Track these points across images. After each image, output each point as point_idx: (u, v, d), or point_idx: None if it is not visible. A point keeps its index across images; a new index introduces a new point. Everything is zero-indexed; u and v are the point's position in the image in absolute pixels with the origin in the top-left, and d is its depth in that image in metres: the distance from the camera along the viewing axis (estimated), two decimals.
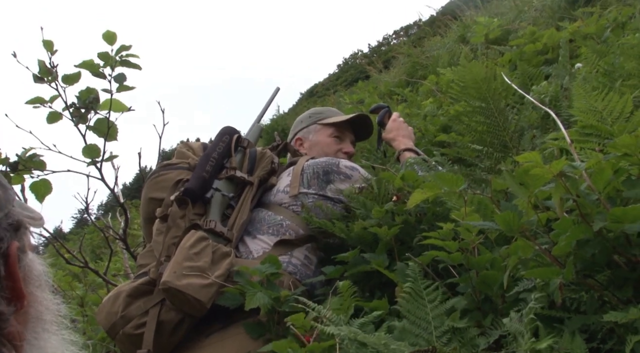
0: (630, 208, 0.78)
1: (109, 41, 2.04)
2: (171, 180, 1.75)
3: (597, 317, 0.86)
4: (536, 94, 1.91)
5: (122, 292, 1.49)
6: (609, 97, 1.21)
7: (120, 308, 1.46)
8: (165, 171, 1.80)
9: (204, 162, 1.73)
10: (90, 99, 2.07)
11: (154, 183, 1.78)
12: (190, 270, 1.40)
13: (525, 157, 0.87)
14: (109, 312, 1.47)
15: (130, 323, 1.44)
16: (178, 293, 1.37)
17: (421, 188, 1.11)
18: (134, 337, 1.43)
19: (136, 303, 1.47)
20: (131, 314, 1.45)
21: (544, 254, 0.94)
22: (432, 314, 1.02)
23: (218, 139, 1.82)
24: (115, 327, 1.45)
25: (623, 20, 2.77)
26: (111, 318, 1.46)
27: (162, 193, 1.73)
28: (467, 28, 5.63)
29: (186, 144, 1.93)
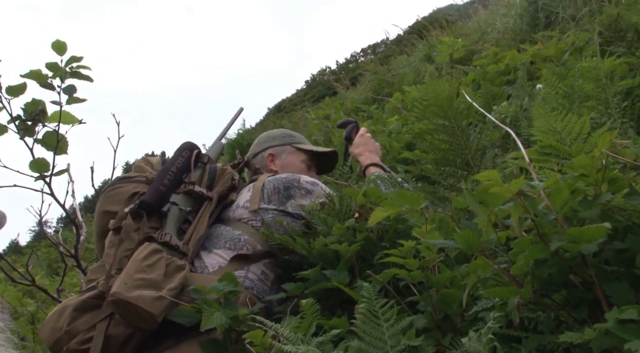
0: (586, 228, 0.78)
1: (59, 51, 1.96)
2: (126, 193, 1.72)
3: (553, 337, 0.86)
4: (497, 114, 1.94)
5: (68, 306, 1.41)
6: (568, 117, 1.23)
7: (66, 323, 1.38)
8: (120, 184, 1.77)
9: (162, 176, 1.71)
10: (37, 111, 1.98)
11: (108, 197, 1.75)
12: (141, 282, 1.35)
13: (484, 176, 0.87)
14: (53, 327, 1.39)
15: (75, 339, 1.36)
16: (128, 306, 1.31)
17: (382, 206, 1.10)
18: (79, 352, 1.36)
19: (83, 317, 1.40)
20: (77, 329, 1.37)
21: (502, 273, 0.93)
22: (388, 333, 1.00)
23: (177, 154, 1.80)
24: (59, 342, 1.36)
25: (580, 45, 2.87)
26: (55, 333, 1.37)
27: (116, 207, 1.70)
28: (432, 47, 5.74)
29: (145, 159, 1.90)
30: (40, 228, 2.22)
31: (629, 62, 2.26)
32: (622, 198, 0.89)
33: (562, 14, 3.99)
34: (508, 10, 4.92)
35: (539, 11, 4.30)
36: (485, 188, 0.89)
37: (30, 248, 11.09)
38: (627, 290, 0.83)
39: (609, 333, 0.75)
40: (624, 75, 2.14)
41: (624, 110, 1.77)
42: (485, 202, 0.92)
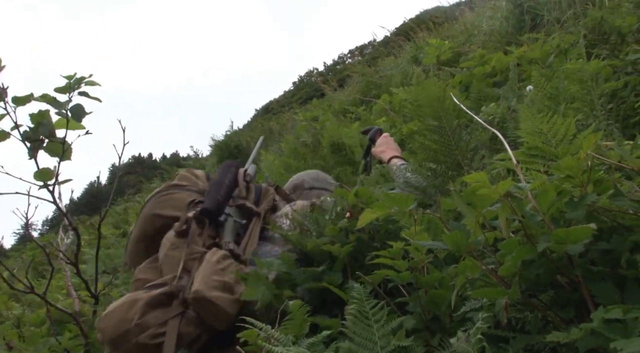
0: (572, 229, 0.79)
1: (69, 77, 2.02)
2: (182, 200, 1.79)
3: (540, 337, 0.87)
4: (485, 115, 1.96)
5: (139, 300, 1.44)
6: (554, 119, 1.24)
7: (137, 316, 1.41)
8: (174, 190, 1.83)
9: (218, 187, 1.80)
10: (46, 133, 2.01)
11: (162, 201, 1.80)
12: (218, 283, 1.44)
13: (472, 178, 0.88)
14: (122, 318, 1.41)
15: (146, 333, 1.39)
16: (208, 304, 1.39)
17: (371, 208, 1.11)
18: (148, 347, 1.39)
19: (154, 312, 1.43)
20: (148, 323, 1.41)
21: (490, 274, 0.94)
22: (378, 334, 1.01)
23: (226, 170, 1.90)
24: (127, 334, 1.39)
25: (565, 47, 2.90)
26: (124, 325, 1.40)
27: (170, 211, 1.75)
28: (419, 49, 5.77)
29: (190, 170, 1.96)
30: (27, 230, 2.20)
31: (612, 64, 2.30)
32: (607, 199, 0.90)
33: (547, 17, 4.04)
34: (494, 12, 4.97)
35: (524, 14, 4.34)
36: (473, 189, 0.90)
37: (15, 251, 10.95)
38: (612, 290, 0.84)
39: (595, 332, 0.76)
40: (607, 78, 2.17)
41: (609, 112, 1.79)
42: (473, 204, 0.93)
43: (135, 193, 12.16)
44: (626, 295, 0.83)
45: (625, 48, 2.46)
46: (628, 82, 2.07)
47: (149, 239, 1.76)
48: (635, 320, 0.73)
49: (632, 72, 2.19)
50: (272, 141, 7.09)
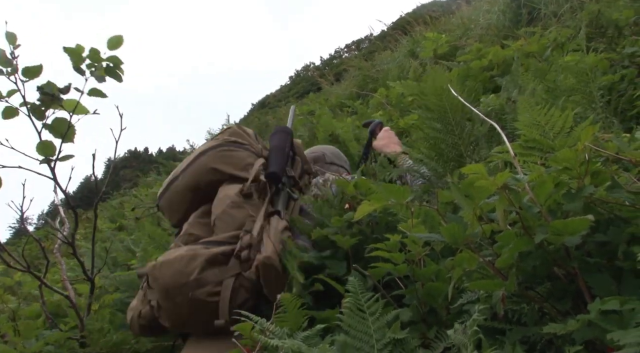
0: (569, 221, 0.79)
1: (112, 46, 1.97)
2: (243, 159, 1.76)
3: (537, 329, 0.87)
4: (484, 106, 1.95)
5: (200, 256, 1.44)
6: (551, 112, 1.24)
7: (197, 271, 1.40)
8: (235, 147, 1.79)
9: (281, 153, 1.79)
10: (62, 89, 1.97)
11: (222, 156, 1.76)
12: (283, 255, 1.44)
13: (470, 169, 0.87)
14: (180, 271, 1.40)
15: (203, 288, 1.39)
16: (275, 273, 1.40)
17: (369, 200, 1.10)
18: (202, 303, 1.39)
19: (212, 270, 1.43)
20: (207, 280, 1.41)
21: (487, 266, 0.94)
22: (374, 327, 1.00)
23: (284, 136, 1.87)
24: (183, 287, 1.38)
25: (562, 41, 2.90)
26: (182, 277, 1.39)
27: (228, 168, 1.73)
28: (416, 43, 5.75)
29: (240, 127, 1.92)
30: (21, 224, 2.19)
31: (609, 58, 2.29)
32: (604, 191, 0.90)
33: (544, 11, 4.03)
34: (491, 6, 4.96)
35: (521, 7, 4.33)
36: (470, 181, 0.90)
37: (10, 245, 10.92)
38: (609, 281, 0.84)
39: (592, 324, 0.76)
40: (605, 71, 2.17)
41: (607, 105, 1.79)
42: (471, 196, 0.92)
43: (132, 188, 12.12)
44: (623, 287, 0.83)
45: (622, 41, 2.46)
46: (625, 75, 2.07)
47: (198, 190, 1.74)
48: (632, 311, 0.73)
49: (629, 65, 2.19)
50: (269, 135, 7.08)
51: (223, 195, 1.66)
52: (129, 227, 5.32)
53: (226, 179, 1.71)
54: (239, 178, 1.70)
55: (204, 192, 1.73)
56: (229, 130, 1.87)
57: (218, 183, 1.71)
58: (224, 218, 1.59)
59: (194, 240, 1.61)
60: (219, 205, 1.63)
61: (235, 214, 1.59)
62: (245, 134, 1.88)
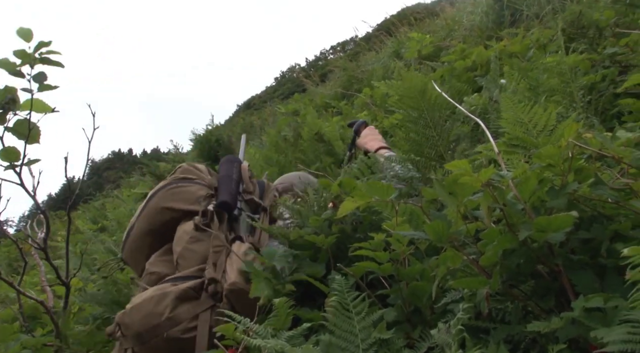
0: (553, 217, 0.79)
1: (25, 38, 1.90)
2: (193, 193, 1.74)
3: (521, 327, 0.86)
4: (467, 105, 1.96)
5: (169, 294, 1.42)
6: (534, 110, 1.24)
7: (168, 310, 1.39)
8: (184, 183, 1.78)
9: (229, 181, 1.77)
10: (7, 100, 1.91)
11: (171, 194, 1.75)
12: (248, 276, 1.43)
13: (454, 165, 0.86)
14: (151, 312, 1.38)
15: (178, 327, 1.38)
16: (245, 296, 1.37)
17: (352, 197, 1.09)
18: (179, 341, 1.37)
19: (184, 306, 1.42)
20: (180, 317, 1.39)
21: (471, 264, 0.93)
22: (359, 327, 0.99)
23: (230, 164, 1.86)
24: (157, 328, 1.37)
25: (544, 41, 2.92)
26: (154, 319, 1.37)
27: (181, 205, 1.71)
28: (401, 44, 5.77)
29: (191, 164, 1.91)
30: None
31: (591, 58, 2.31)
32: (587, 188, 0.90)
33: (526, 12, 4.06)
34: (474, 8, 4.99)
35: (504, 9, 4.36)
36: (454, 178, 0.89)
37: None
38: (592, 278, 0.84)
39: (576, 322, 0.76)
40: (586, 71, 2.19)
41: (588, 105, 1.80)
42: (455, 193, 0.91)
43: (115, 189, 11.99)
44: (606, 284, 0.83)
45: (603, 42, 2.48)
46: (606, 75, 2.09)
47: (156, 233, 1.72)
48: (615, 308, 0.73)
49: (610, 66, 2.21)
50: (254, 135, 7.04)
51: (181, 233, 1.65)
52: (110, 228, 5.25)
53: (180, 216, 1.70)
54: (193, 212, 1.69)
55: (161, 234, 1.71)
56: (180, 169, 1.88)
57: (173, 221, 1.70)
58: (186, 255, 1.58)
59: (157, 278, 1.59)
60: (179, 242, 1.63)
61: (196, 249, 1.58)
62: (196, 169, 1.87)
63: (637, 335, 0.66)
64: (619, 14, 2.49)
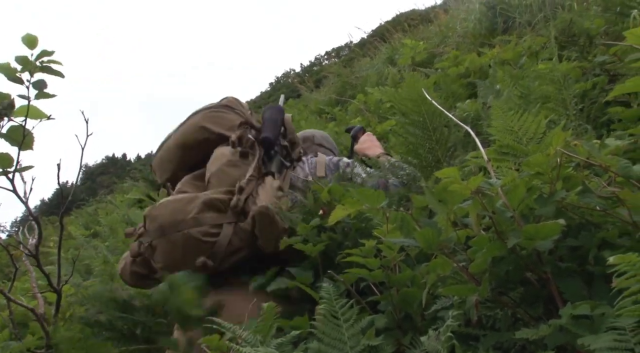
0: (541, 225, 0.79)
1: (30, 45, 1.90)
2: (232, 121, 1.81)
3: (510, 334, 0.86)
4: (460, 111, 1.97)
5: (198, 198, 1.48)
6: (524, 117, 1.25)
7: (195, 211, 1.44)
8: (225, 110, 1.84)
9: (274, 123, 1.83)
10: (5, 105, 1.91)
11: (212, 116, 1.81)
12: (277, 209, 1.48)
13: (444, 173, 0.87)
14: (179, 209, 1.44)
15: (199, 228, 1.43)
16: (270, 221, 1.43)
17: (343, 204, 1.09)
18: (197, 242, 1.41)
19: (210, 213, 1.46)
20: (204, 220, 1.44)
21: (461, 271, 0.94)
22: (348, 334, 0.99)
23: (276, 111, 1.91)
24: (180, 224, 1.42)
25: (536, 49, 2.94)
26: (178, 215, 1.43)
27: (218, 128, 1.77)
28: (395, 50, 5.80)
29: (236, 99, 1.96)
30: None
31: (581, 66, 2.33)
32: (576, 196, 0.90)
33: (519, 19, 4.09)
34: (468, 15, 5.02)
35: (497, 16, 4.39)
36: (444, 186, 0.89)
37: None
38: (580, 286, 0.84)
39: (563, 329, 0.76)
40: (577, 79, 2.21)
41: (579, 112, 1.82)
42: (445, 200, 0.92)
43: (108, 194, 11.93)
44: (594, 292, 0.84)
45: (593, 50, 2.51)
46: (597, 83, 2.11)
47: (187, 148, 1.79)
48: (602, 316, 0.73)
49: (600, 73, 2.23)
50: None
51: (219, 154, 1.71)
52: (103, 234, 5.23)
53: (215, 139, 1.76)
54: (227, 138, 1.74)
55: (193, 151, 1.78)
56: (225, 100, 1.93)
57: (206, 142, 1.76)
58: (220, 176, 1.64)
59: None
60: (215, 163, 1.68)
61: (231, 172, 1.63)
62: (239, 104, 1.92)
63: (624, 342, 0.67)
64: (609, 22, 2.52)
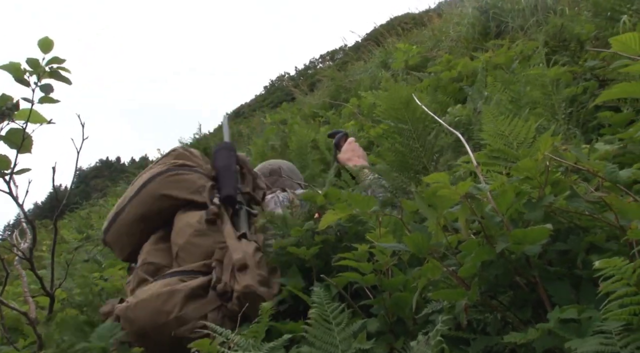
0: (529, 230, 0.80)
1: (44, 49, 1.90)
2: (194, 182, 1.70)
3: (500, 338, 0.87)
4: (451, 116, 1.98)
5: (178, 292, 1.39)
6: (515, 122, 1.26)
7: (177, 309, 1.37)
8: (184, 171, 1.72)
9: (230, 173, 1.74)
10: (9, 105, 1.90)
11: (172, 181, 1.69)
12: (260, 278, 1.42)
13: (433, 178, 0.88)
14: (158, 310, 1.36)
15: (186, 326, 1.36)
16: (258, 299, 1.35)
17: (334, 209, 1.10)
18: (186, 340, 1.31)
19: (192, 305, 1.39)
20: (189, 316, 1.37)
21: (451, 276, 0.94)
22: (339, 338, 0.99)
23: (228, 154, 1.82)
24: (164, 326, 1.34)
25: (529, 53, 2.97)
26: (161, 317, 1.35)
27: (180, 193, 1.67)
28: (388, 54, 5.82)
29: (185, 149, 1.86)
30: None
31: (572, 70, 2.35)
32: (564, 200, 0.91)
33: (511, 24, 4.12)
34: (461, 19, 5.04)
35: (490, 20, 4.42)
36: (433, 190, 0.90)
37: None
38: (568, 290, 0.85)
39: (551, 332, 0.77)
40: (568, 83, 2.22)
41: (569, 117, 1.83)
42: (435, 205, 0.93)
43: (102, 198, 11.89)
44: (581, 295, 0.85)
45: (584, 55, 2.53)
46: (587, 88, 2.12)
47: (149, 219, 1.68)
48: (589, 319, 0.74)
49: (591, 78, 2.25)
50: (242, 144, 7.04)
51: (184, 224, 1.61)
52: (95, 237, 5.21)
53: (179, 205, 1.67)
54: (193, 202, 1.66)
55: (154, 220, 1.68)
56: (174, 153, 1.82)
57: (170, 209, 1.67)
58: (189, 249, 1.56)
59: (154, 269, 1.57)
60: (181, 235, 1.59)
61: (200, 243, 1.56)
62: (192, 155, 1.82)
63: (610, 345, 0.67)
64: (600, 27, 2.55)
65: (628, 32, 2.18)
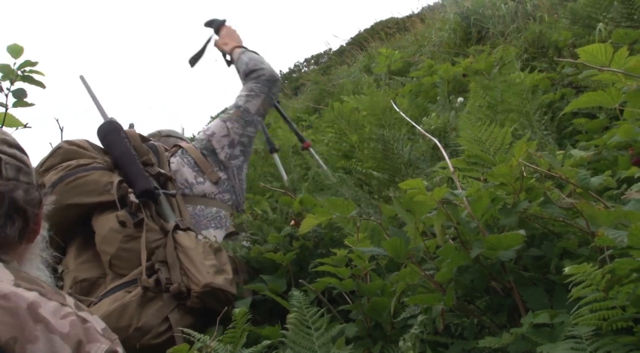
0: (503, 236, 0.81)
1: (14, 54, 1.87)
2: (97, 182, 1.53)
3: (476, 342, 0.88)
4: (426, 125, 2.00)
5: (129, 304, 1.33)
6: (491, 128, 1.28)
7: (135, 321, 1.31)
8: (82, 173, 1.54)
9: (133, 161, 1.58)
10: None
11: (73, 187, 1.51)
12: (213, 268, 1.38)
13: (408, 184, 0.89)
14: (115, 328, 1.24)
15: (149, 334, 1.32)
16: (218, 292, 1.35)
17: (314, 214, 1.10)
18: (154, 347, 1.31)
19: (149, 311, 1.34)
20: (150, 324, 1.32)
21: (429, 280, 0.95)
22: (318, 343, 1.00)
23: (117, 136, 1.65)
24: (127, 342, 1.26)
25: (508, 59, 3.00)
26: (120, 334, 1.27)
27: (88, 198, 1.51)
28: (371, 58, 5.85)
29: (71, 142, 1.64)
30: None
31: (550, 77, 2.39)
32: (538, 206, 0.93)
33: (492, 30, 4.17)
34: (443, 24, 5.09)
35: (471, 26, 4.47)
36: (411, 196, 0.91)
37: None
38: (542, 295, 0.87)
39: (525, 337, 0.78)
40: (546, 89, 2.26)
41: (546, 123, 1.86)
42: (413, 210, 0.94)
43: None
44: (555, 300, 0.86)
45: (561, 62, 2.57)
46: (564, 94, 2.16)
47: (59, 233, 1.48)
48: (561, 324, 0.75)
49: (568, 85, 2.29)
50: None
51: (108, 230, 1.48)
52: None
53: (88, 210, 1.53)
54: (104, 203, 1.52)
55: (63, 231, 1.54)
56: (61, 152, 1.61)
57: (81, 216, 1.54)
58: (123, 256, 1.45)
59: (89, 285, 1.48)
60: (109, 242, 1.47)
61: (133, 247, 1.46)
62: (81, 149, 1.62)
63: (580, 350, 0.69)
64: (576, 35, 2.59)
65: (603, 40, 2.23)
